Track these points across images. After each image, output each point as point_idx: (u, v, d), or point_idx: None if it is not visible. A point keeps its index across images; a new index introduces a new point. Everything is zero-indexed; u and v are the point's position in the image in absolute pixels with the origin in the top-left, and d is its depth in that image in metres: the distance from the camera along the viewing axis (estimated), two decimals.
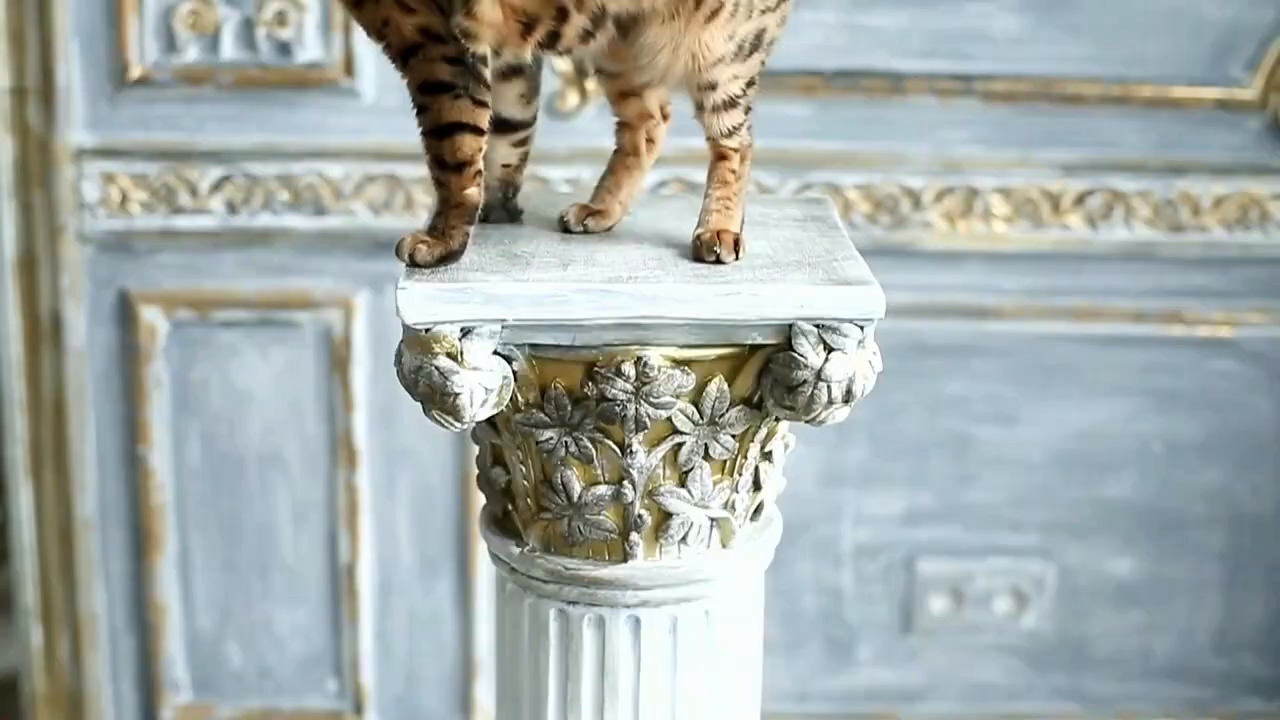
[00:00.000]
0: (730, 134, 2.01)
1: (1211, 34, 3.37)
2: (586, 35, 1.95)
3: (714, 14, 1.94)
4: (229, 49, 3.33)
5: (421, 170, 3.28)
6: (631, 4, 1.93)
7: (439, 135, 1.96)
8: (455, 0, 1.91)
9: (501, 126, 2.08)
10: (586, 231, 2.09)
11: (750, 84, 2.00)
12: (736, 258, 1.96)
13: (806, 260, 1.96)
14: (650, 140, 2.13)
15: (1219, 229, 3.45)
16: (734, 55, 1.96)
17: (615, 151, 2.14)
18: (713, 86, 1.98)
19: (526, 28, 1.94)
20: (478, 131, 1.96)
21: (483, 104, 1.95)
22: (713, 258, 1.95)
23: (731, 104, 1.99)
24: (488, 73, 1.96)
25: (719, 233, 1.97)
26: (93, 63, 3.33)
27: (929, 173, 3.40)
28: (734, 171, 2.02)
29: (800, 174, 3.36)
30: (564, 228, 2.09)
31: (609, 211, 2.11)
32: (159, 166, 3.36)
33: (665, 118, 2.13)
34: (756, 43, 1.98)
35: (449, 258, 1.94)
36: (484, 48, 1.94)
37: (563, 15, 1.93)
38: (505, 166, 2.12)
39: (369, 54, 3.31)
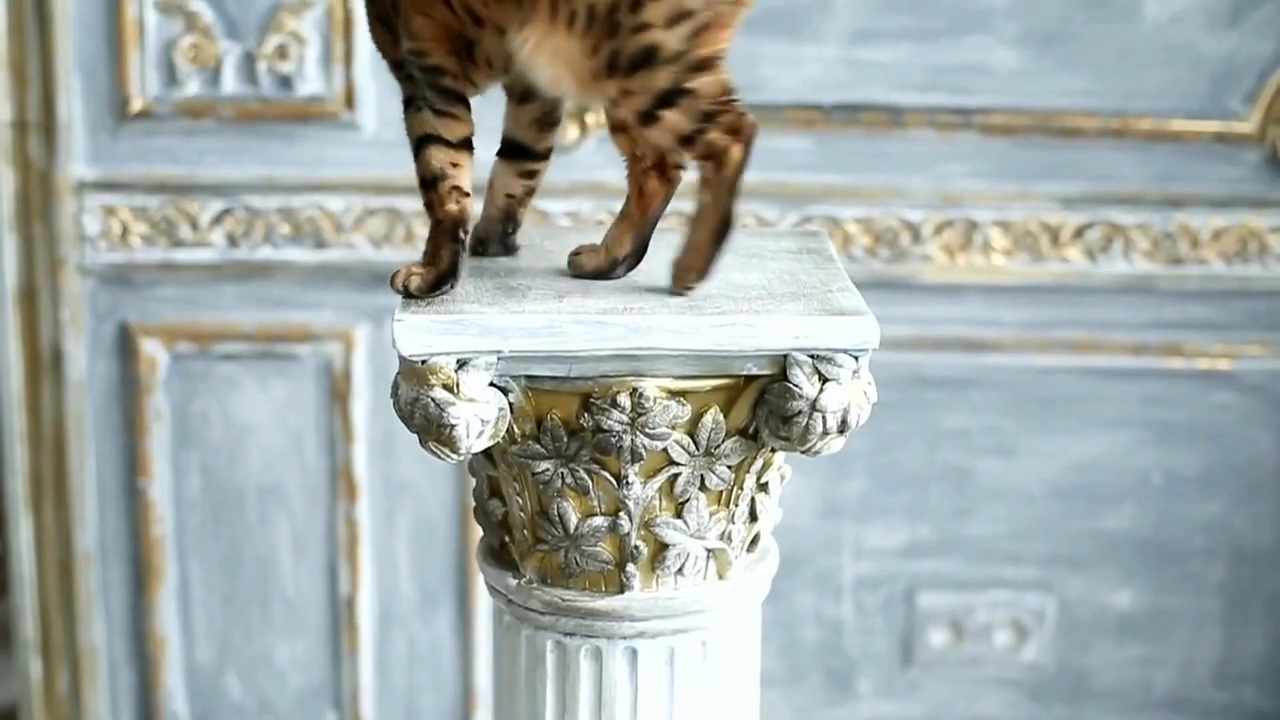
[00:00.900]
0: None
1: (1210, 67, 3.38)
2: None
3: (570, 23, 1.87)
4: (230, 82, 3.34)
5: (420, 203, 3.30)
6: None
7: (415, 154, 1.97)
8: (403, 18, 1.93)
9: (511, 151, 2.08)
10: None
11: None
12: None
13: (801, 291, 1.97)
14: (640, 190, 2.00)
15: (1218, 262, 3.45)
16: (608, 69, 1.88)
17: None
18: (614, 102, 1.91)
19: (454, 44, 1.94)
20: (444, 143, 1.96)
21: (447, 114, 1.95)
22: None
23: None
24: (455, 85, 1.95)
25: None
26: (94, 96, 3.34)
27: (928, 206, 3.40)
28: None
29: (800, 207, 3.37)
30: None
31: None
32: (160, 199, 3.37)
33: (665, 169, 1.99)
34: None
35: (440, 281, 1.94)
36: (434, 60, 1.94)
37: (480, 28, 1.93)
38: (509, 197, 2.11)
39: (370, 87, 3.32)
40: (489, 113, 2.10)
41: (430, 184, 1.97)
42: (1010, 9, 3.34)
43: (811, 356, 1.88)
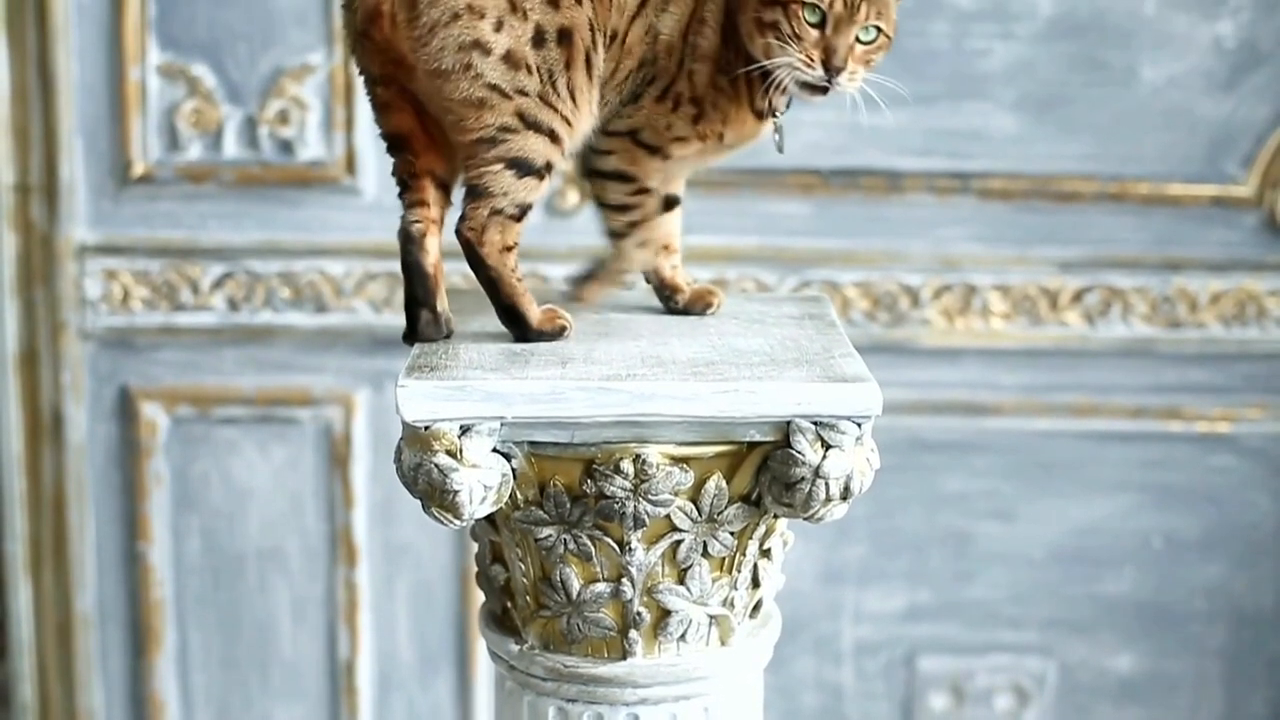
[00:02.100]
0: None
1: (1207, 131, 3.40)
2: None
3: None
4: (231, 147, 3.35)
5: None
6: None
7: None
8: None
9: None
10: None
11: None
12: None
13: (804, 358, 1.97)
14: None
15: (1216, 325, 3.46)
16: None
17: None
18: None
19: None
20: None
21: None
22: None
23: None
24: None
25: None
26: (96, 160, 3.35)
27: (927, 270, 3.41)
28: None
29: (799, 271, 3.38)
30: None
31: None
32: (161, 263, 3.38)
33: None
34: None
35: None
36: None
37: None
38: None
39: (370, 152, 3.33)
40: None
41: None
42: (1008, 74, 3.36)
43: (814, 423, 1.88)
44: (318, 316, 3.40)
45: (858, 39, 2.01)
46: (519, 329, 2.05)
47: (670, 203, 2.20)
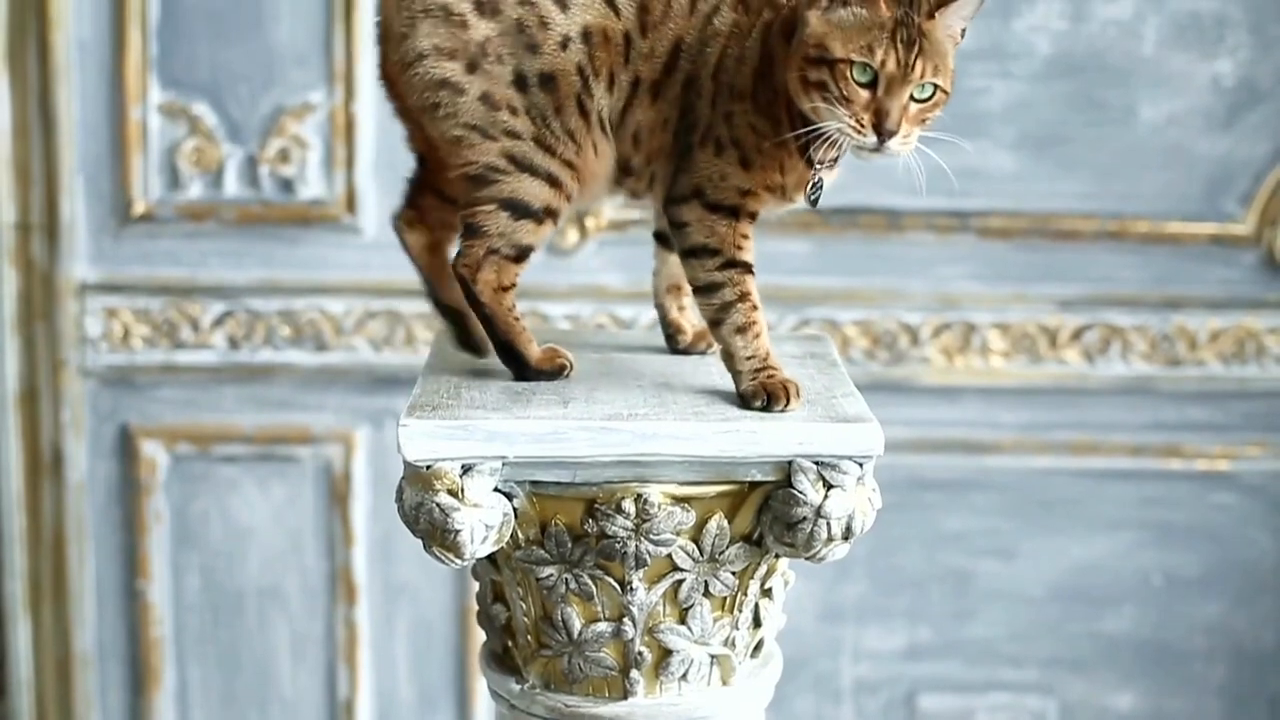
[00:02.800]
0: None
1: (1206, 170, 3.41)
2: None
3: None
4: (232, 186, 3.36)
5: (421, 305, 3.33)
6: None
7: None
8: None
9: None
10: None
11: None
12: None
13: (805, 397, 1.97)
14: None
15: (1216, 363, 3.46)
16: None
17: None
18: None
19: None
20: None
21: None
22: None
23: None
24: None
25: None
26: (97, 198, 3.36)
27: (926, 308, 3.42)
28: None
29: (799, 310, 3.38)
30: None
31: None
32: (161, 302, 3.38)
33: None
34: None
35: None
36: None
37: None
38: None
39: (370, 191, 3.34)
40: None
41: None
42: (1007, 113, 3.37)
43: (816, 463, 1.88)
44: (318, 355, 3.40)
45: (912, 98, 1.90)
46: (517, 367, 2.05)
47: None
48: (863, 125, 1.89)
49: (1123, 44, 3.37)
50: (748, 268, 1.98)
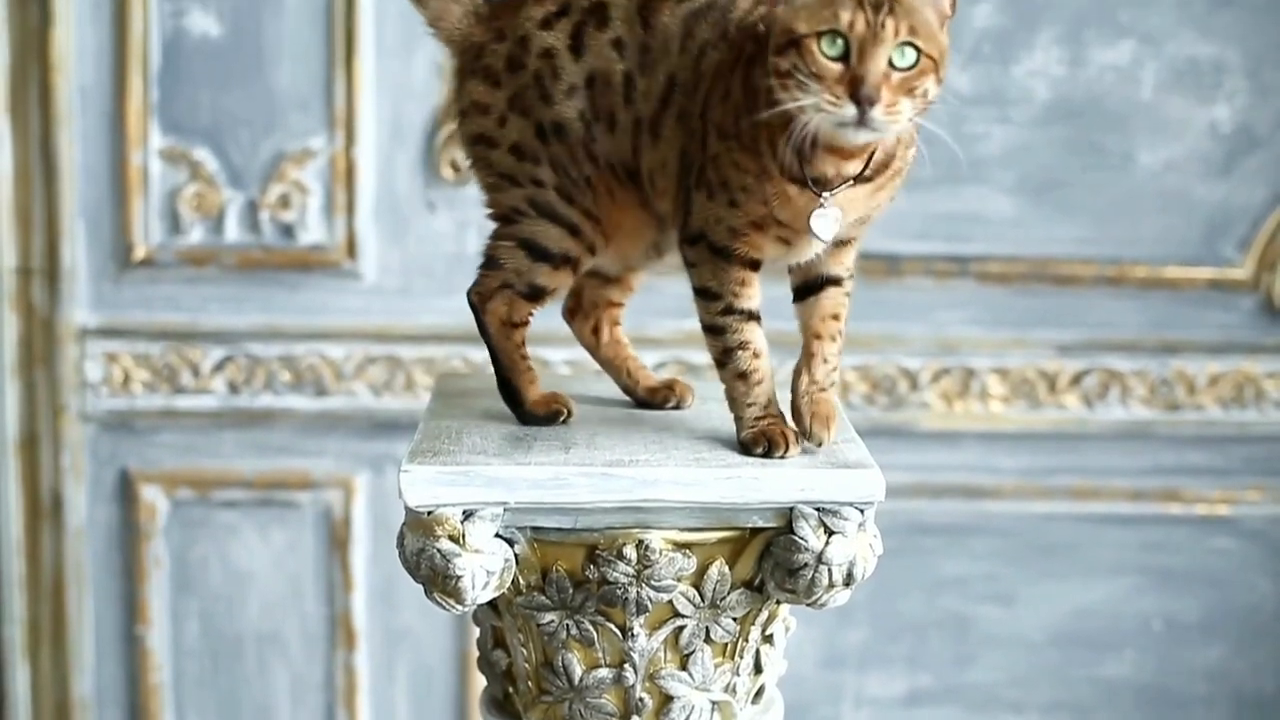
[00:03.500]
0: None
1: (1204, 215, 3.42)
2: None
3: None
4: (233, 231, 3.37)
5: (421, 351, 3.33)
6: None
7: None
8: None
9: None
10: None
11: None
12: None
13: (806, 443, 1.97)
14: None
15: (1215, 408, 3.47)
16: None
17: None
18: None
19: None
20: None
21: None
22: None
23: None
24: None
25: None
26: (98, 243, 3.37)
27: (926, 353, 3.42)
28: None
29: (798, 355, 3.38)
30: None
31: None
32: (161, 346, 3.39)
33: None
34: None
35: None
36: None
37: None
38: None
39: (371, 237, 3.35)
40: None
41: None
42: (1006, 158, 3.38)
43: (817, 509, 1.88)
44: (318, 400, 3.40)
45: (892, 65, 1.77)
46: (514, 406, 2.07)
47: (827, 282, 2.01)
48: (838, 98, 1.76)
49: (1121, 90, 3.39)
50: (749, 315, 1.96)
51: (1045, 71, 3.38)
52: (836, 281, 2.00)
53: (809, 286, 2.00)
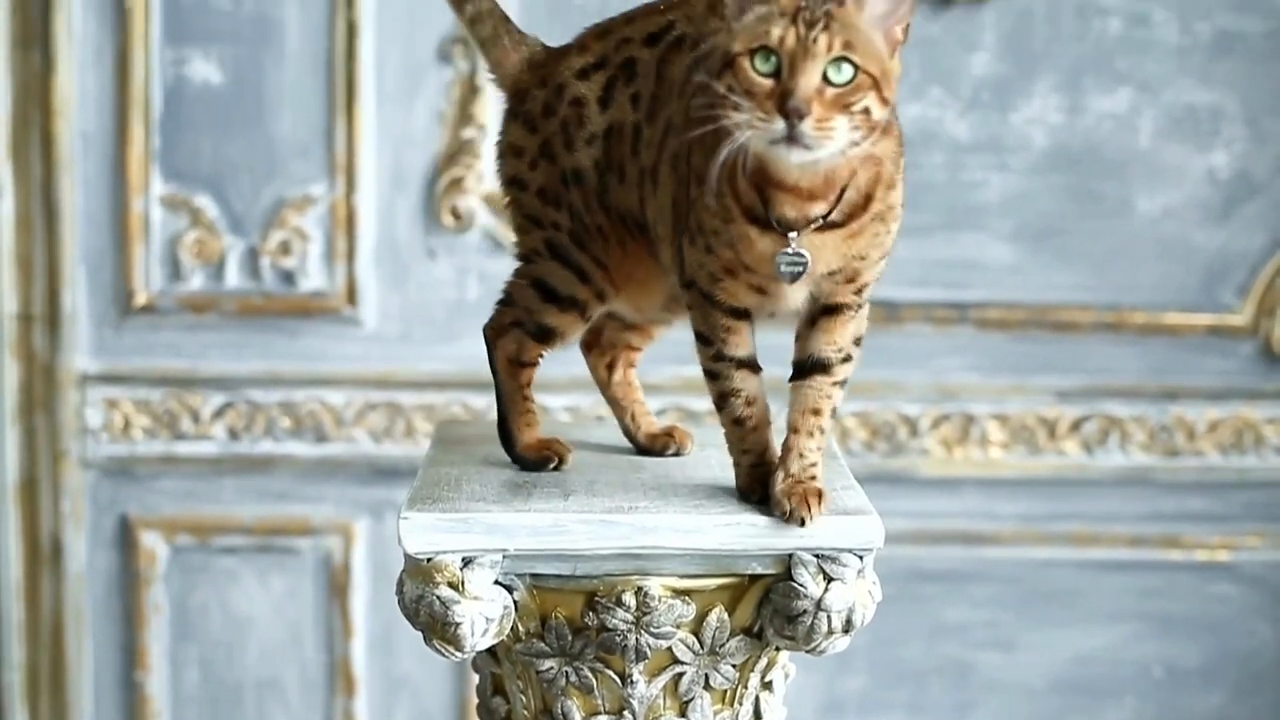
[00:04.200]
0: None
1: (1202, 261, 3.43)
2: None
3: None
4: (233, 277, 3.38)
5: (421, 397, 3.33)
6: None
7: None
8: None
9: None
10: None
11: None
12: None
13: None
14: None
15: (1214, 453, 3.47)
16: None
17: None
18: None
19: None
20: None
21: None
22: None
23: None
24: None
25: None
26: (98, 289, 3.38)
27: (925, 400, 3.43)
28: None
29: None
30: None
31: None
32: (162, 392, 3.39)
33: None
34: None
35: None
36: None
37: None
38: None
39: (371, 283, 3.36)
40: None
41: None
42: (1004, 205, 3.39)
43: (816, 556, 1.88)
44: (318, 446, 3.41)
45: (826, 80, 1.71)
46: (507, 447, 2.08)
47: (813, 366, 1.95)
48: (766, 113, 1.71)
49: (1119, 137, 3.40)
50: (741, 363, 1.93)
51: (1043, 119, 3.39)
52: (825, 368, 1.93)
53: (800, 367, 1.94)
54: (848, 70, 1.72)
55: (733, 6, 1.78)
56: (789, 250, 1.82)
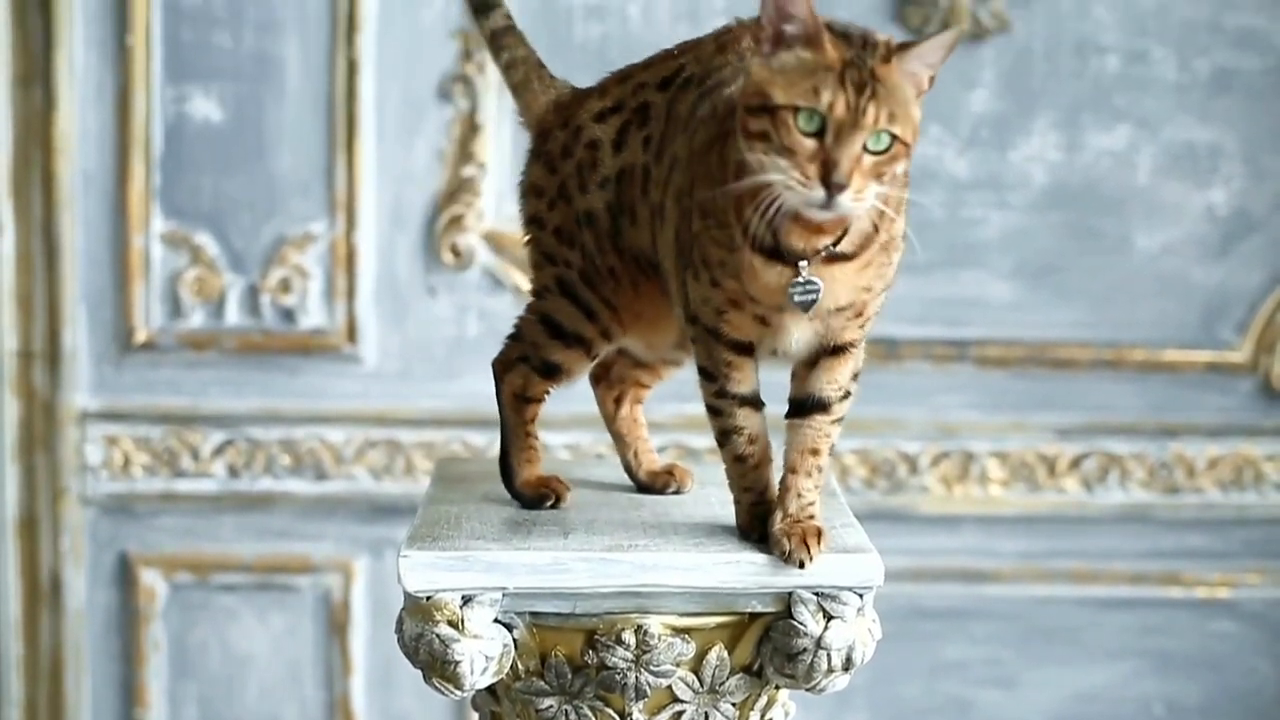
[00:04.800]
0: None
1: (1201, 298, 3.43)
2: None
3: None
4: (233, 315, 3.38)
5: (421, 435, 3.33)
6: None
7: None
8: None
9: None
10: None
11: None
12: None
13: None
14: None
15: (1214, 490, 3.47)
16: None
17: None
18: None
19: None
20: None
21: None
22: None
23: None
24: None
25: None
26: (99, 327, 3.38)
27: (925, 437, 3.43)
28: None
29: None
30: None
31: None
32: (162, 430, 3.39)
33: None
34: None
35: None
36: None
37: None
38: None
39: (371, 321, 3.36)
40: None
41: None
42: (1004, 243, 3.40)
43: (816, 594, 1.88)
44: (318, 484, 3.40)
45: (866, 149, 1.72)
46: (506, 482, 2.09)
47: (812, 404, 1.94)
48: (808, 177, 1.71)
49: (1117, 174, 3.40)
50: (744, 400, 1.93)
51: (1042, 156, 3.40)
52: (824, 407, 1.92)
53: (798, 406, 1.94)
54: (885, 140, 1.72)
55: (770, 33, 1.76)
56: (801, 279, 1.81)
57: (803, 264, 1.80)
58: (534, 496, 2.06)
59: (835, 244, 1.80)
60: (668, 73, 2.02)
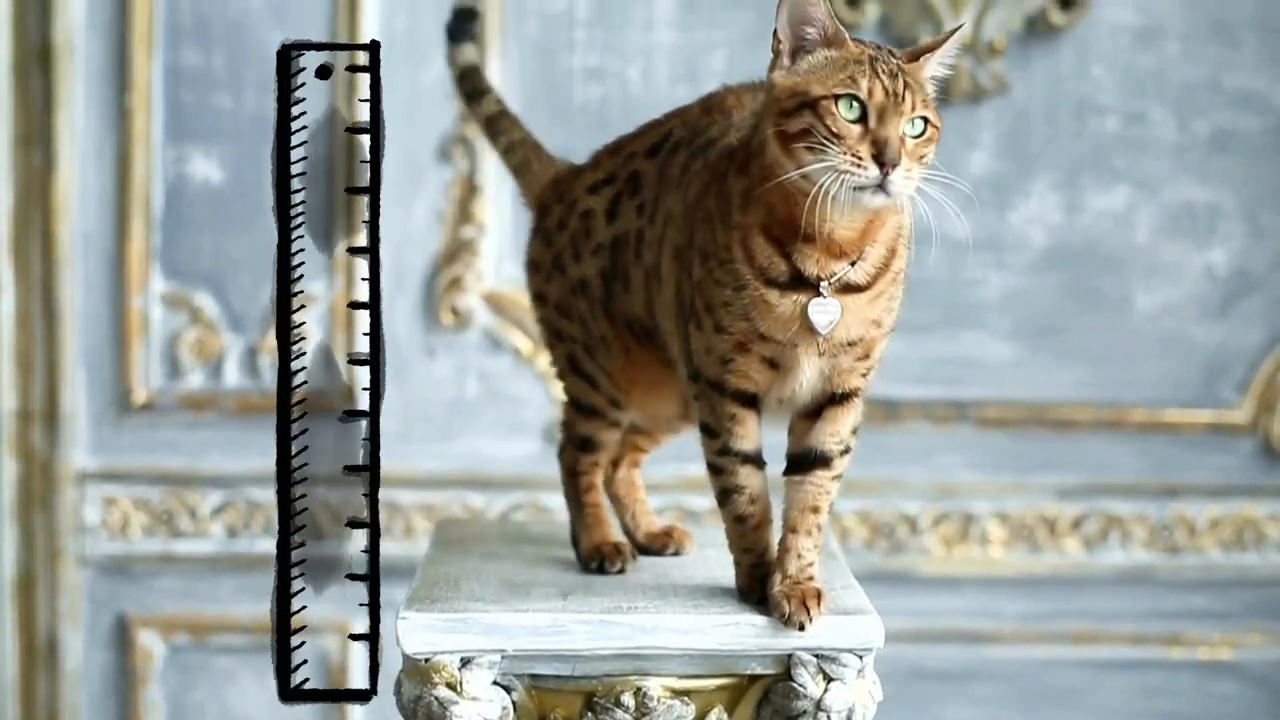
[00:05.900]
0: None
1: (1201, 357, 3.43)
2: None
3: None
4: (232, 375, 3.38)
5: (420, 496, 3.33)
6: None
7: None
8: None
9: None
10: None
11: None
12: None
13: None
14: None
15: (1215, 551, 3.46)
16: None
17: None
18: None
19: None
20: None
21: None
22: None
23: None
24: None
25: None
26: (98, 387, 3.38)
27: (925, 498, 3.42)
28: None
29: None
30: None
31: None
32: (160, 491, 3.39)
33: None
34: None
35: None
36: None
37: None
38: None
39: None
40: None
41: None
42: (1003, 303, 3.40)
43: (816, 656, 1.88)
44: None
45: (905, 132, 1.81)
46: (575, 551, 2.15)
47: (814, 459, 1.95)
48: (861, 158, 1.77)
49: (1117, 234, 3.41)
50: (747, 458, 1.94)
51: (1042, 218, 3.40)
52: (826, 461, 1.93)
53: (798, 461, 1.94)
54: (919, 124, 1.82)
55: (788, 45, 1.83)
56: (820, 299, 1.84)
57: (824, 283, 1.84)
58: (595, 564, 2.10)
59: (852, 264, 1.85)
60: (656, 139, 2.06)
